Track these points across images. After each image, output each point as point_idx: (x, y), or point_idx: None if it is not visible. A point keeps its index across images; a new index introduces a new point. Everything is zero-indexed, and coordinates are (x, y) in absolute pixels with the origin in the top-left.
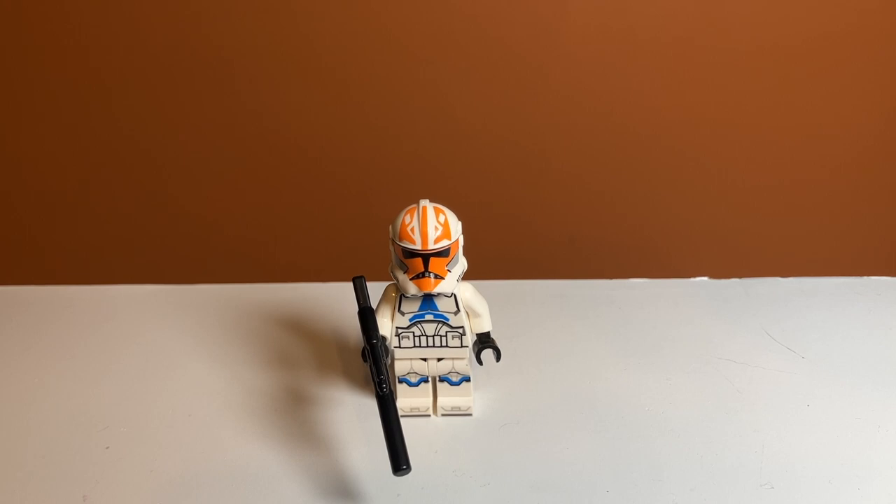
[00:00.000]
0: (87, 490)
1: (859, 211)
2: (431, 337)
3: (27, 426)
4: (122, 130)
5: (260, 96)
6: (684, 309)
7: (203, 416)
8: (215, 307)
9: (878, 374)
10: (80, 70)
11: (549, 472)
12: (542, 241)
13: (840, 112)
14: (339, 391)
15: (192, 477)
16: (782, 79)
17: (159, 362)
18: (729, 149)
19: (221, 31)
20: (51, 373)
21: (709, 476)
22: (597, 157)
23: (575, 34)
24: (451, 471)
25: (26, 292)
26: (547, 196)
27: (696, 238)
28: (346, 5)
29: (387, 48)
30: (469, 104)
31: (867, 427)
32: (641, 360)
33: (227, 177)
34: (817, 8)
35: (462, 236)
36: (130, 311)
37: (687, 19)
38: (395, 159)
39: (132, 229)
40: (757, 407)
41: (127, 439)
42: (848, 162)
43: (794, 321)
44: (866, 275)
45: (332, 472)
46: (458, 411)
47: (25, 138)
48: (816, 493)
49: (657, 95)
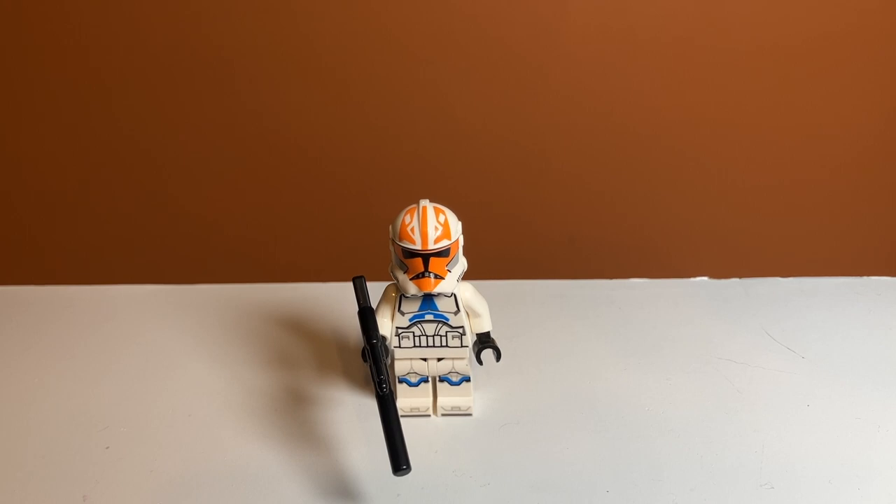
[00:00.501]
0: (87, 490)
1: (859, 211)
2: (431, 337)
3: (27, 426)
4: (122, 130)
5: (260, 96)
6: (684, 309)
7: (203, 416)
8: (215, 307)
9: (878, 374)
10: (80, 70)
11: (549, 472)
12: (542, 241)
13: (840, 112)
14: (339, 391)
15: (192, 477)
16: (782, 79)
17: (159, 362)
18: (729, 149)
19: (221, 31)
20: (51, 373)
21: (709, 476)
22: (597, 157)
23: (575, 34)
24: (451, 471)
25: (26, 292)
26: (547, 196)
27: (696, 238)
28: (346, 5)
29: (387, 48)
30: (469, 104)
31: (867, 427)
32: (641, 360)
33: (227, 177)
34: (817, 8)
35: (462, 236)
36: (130, 311)
37: (687, 19)
38: (395, 159)
39: (132, 229)
40: (757, 407)
41: (127, 439)
42: (848, 162)
43: (794, 321)
44: (866, 275)
45: (332, 472)
46: (458, 411)
47: (25, 138)
48: (816, 493)
49: (657, 95)
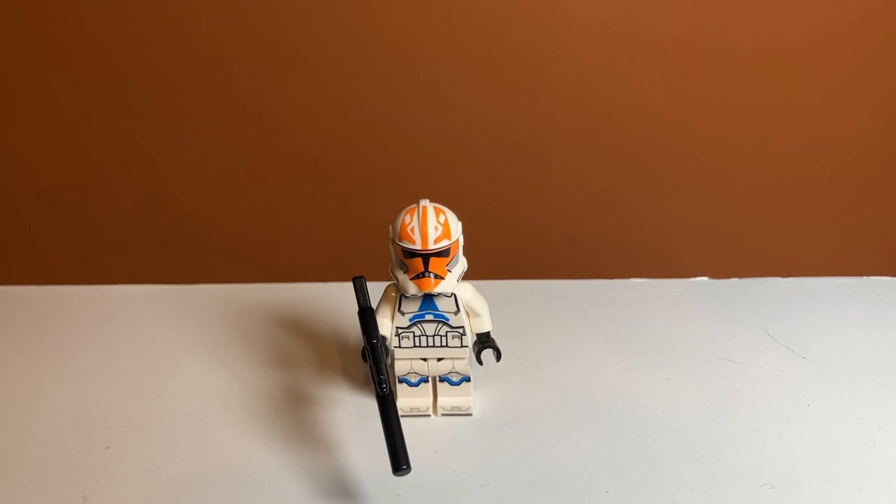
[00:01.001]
0: (87, 490)
1: (859, 211)
2: (431, 337)
3: (27, 426)
4: (122, 130)
5: (260, 96)
6: (684, 309)
7: (203, 416)
8: (215, 307)
9: (878, 374)
10: (80, 70)
11: (549, 472)
12: (542, 241)
13: (840, 112)
14: (339, 391)
15: (192, 477)
16: (782, 79)
17: (159, 362)
18: (729, 149)
19: (221, 31)
20: (51, 373)
21: (709, 476)
22: (597, 157)
23: (575, 34)
24: (451, 471)
25: (26, 292)
26: (547, 196)
27: (696, 238)
28: (346, 5)
29: (387, 48)
30: (469, 104)
31: (867, 427)
32: (641, 360)
33: (227, 177)
34: (816, 8)
35: (462, 236)
36: (130, 311)
37: (687, 19)
38: (395, 159)
39: (132, 229)
40: (757, 407)
41: (127, 439)
42: (848, 162)
43: (794, 321)
44: (866, 275)
45: (332, 472)
46: (458, 411)
47: (25, 138)
48: (816, 493)
49: (657, 95)
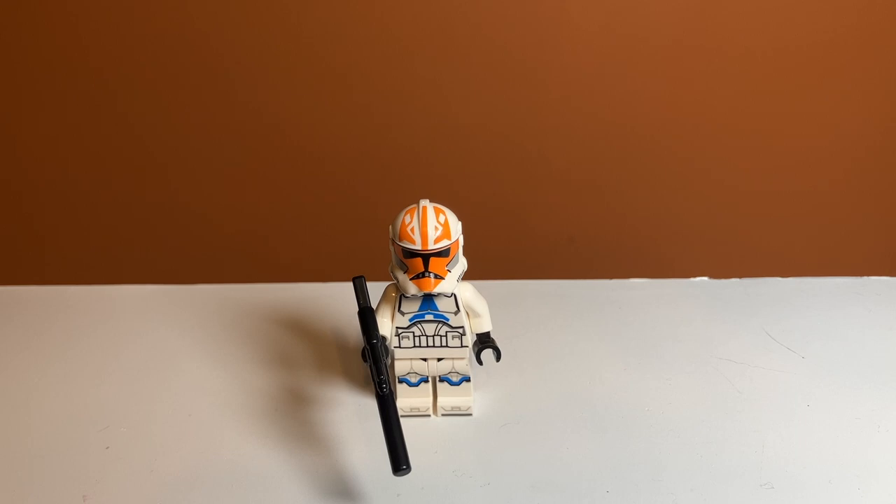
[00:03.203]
0: (87, 490)
1: (859, 211)
2: (431, 337)
3: (27, 426)
4: (123, 130)
5: (260, 96)
6: (684, 309)
7: (203, 416)
8: (215, 307)
9: (878, 374)
10: (81, 70)
11: (549, 472)
12: (542, 241)
13: (840, 113)
14: (339, 391)
15: (192, 477)
16: (782, 80)
17: (159, 362)
18: (729, 149)
19: (222, 31)
20: (51, 373)
21: (709, 476)
22: (597, 157)
23: (575, 35)
24: (451, 471)
25: (26, 292)
26: (547, 196)
27: (696, 238)
28: (346, 5)
29: (387, 48)
30: (469, 104)
31: (867, 427)
32: (641, 360)
33: (228, 176)
34: (816, 11)
35: (462, 236)
36: (130, 311)
37: (686, 21)
38: (395, 159)
39: (132, 229)
40: (757, 407)
41: (127, 439)
42: (848, 163)
43: (794, 321)
44: (866, 275)
45: (332, 472)
46: (458, 411)
47: (26, 138)
48: (816, 493)
49: (657, 96)
